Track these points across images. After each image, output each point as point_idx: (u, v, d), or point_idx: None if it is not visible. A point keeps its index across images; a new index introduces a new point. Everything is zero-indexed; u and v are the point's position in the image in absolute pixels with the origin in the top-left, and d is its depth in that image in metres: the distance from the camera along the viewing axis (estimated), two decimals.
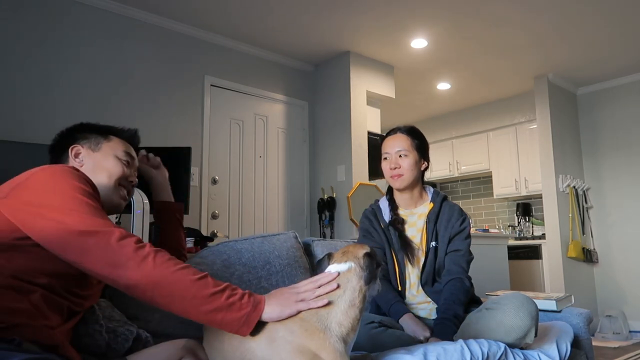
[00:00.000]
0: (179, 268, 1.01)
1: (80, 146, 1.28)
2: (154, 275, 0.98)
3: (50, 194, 1.02)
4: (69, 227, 0.98)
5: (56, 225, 0.99)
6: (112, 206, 1.27)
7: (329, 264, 1.17)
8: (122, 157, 1.29)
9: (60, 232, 0.98)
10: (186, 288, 1.00)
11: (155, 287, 0.98)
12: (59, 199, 1.01)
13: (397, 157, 1.82)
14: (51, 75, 3.29)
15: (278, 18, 3.85)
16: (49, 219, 0.99)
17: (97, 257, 0.97)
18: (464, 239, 1.80)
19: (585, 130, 5.49)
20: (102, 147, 1.29)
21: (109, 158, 1.28)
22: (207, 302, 1.01)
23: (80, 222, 0.99)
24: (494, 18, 3.87)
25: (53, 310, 1.01)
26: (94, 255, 0.97)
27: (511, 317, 1.41)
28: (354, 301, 1.07)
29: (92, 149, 1.28)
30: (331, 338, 1.02)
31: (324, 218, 4.42)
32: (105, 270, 0.98)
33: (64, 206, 1.01)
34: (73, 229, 0.98)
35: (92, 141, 1.29)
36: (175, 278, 1.00)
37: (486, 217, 6.40)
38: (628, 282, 5.05)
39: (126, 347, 1.17)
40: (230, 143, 4.18)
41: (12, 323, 0.90)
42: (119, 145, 1.32)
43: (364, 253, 1.14)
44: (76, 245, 0.98)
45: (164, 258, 1.01)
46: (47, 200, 1.01)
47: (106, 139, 1.31)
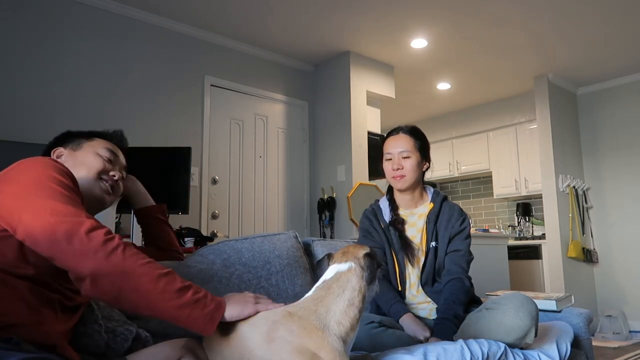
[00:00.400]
0: (146, 262, 1.00)
1: (62, 148, 1.29)
2: (122, 267, 0.96)
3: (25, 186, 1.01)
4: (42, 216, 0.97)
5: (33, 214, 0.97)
6: (95, 200, 1.25)
7: (329, 264, 1.17)
8: (103, 154, 1.29)
9: (31, 222, 0.97)
10: (154, 281, 0.98)
11: (123, 280, 0.96)
12: (40, 190, 1.01)
13: (400, 158, 1.82)
14: (51, 75, 3.29)
15: (278, 18, 3.85)
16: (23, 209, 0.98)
17: (64, 246, 0.95)
18: (464, 239, 1.79)
19: (585, 130, 5.49)
20: (83, 146, 1.30)
21: (89, 154, 1.28)
22: (175, 298, 0.99)
23: (53, 211, 0.98)
24: (494, 18, 3.87)
25: (44, 304, 1.01)
26: (62, 245, 0.95)
27: (511, 317, 1.41)
28: (353, 300, 1.07)
29: (73, 149, 1.29)
30: (330, 337, 1.02)
31: (324, 218, 4.42)
32: (72, 260, 0.95)
33: (39, 196, 1.00)
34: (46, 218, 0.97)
35: (74, 143, 1.31)
36: (143, 271, 0.98)
37: (486, 217, 6.40)
38: (628, 282, 5.05)
39: (125, 347, 1.17)
40: (230, 143, 4.18)
41: (8, 323, 0.90)
42: (101, 143, 1.32)
43: (365, 253, 1.14)
44: (47, 233, 0.96)
45: (132, 251, 0.99)
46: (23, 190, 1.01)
47: (88, 140, 1.32)
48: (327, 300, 1.07)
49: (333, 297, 1.08)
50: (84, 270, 0.95)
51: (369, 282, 1.11)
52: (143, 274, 0.98)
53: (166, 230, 1.53)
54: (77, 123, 3.27)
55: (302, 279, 1.78)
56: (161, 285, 0.99)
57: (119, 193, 1.35)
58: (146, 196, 1.52)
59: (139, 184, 1.52)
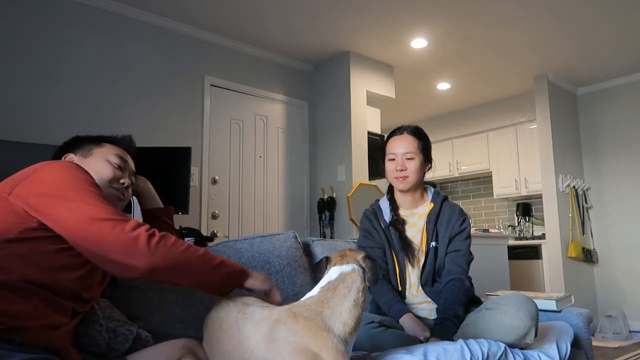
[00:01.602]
0: (185, 247, 1.12)
1: (72, 154, 1.30)
2: (170, 258, 1.07)
3: (62, 185, 1.06)
4: (87, 216, 1.03)
5: (73, 214, 1.03)
6: None
7: (327, 266, 1.18)
8: (113, 160, 1.31)
9: (78, 221, 1.03)
10: (198, 265, 1.14)
11: (173, 269, 1.09)
12: (71, 190, 1.06)
13: (404, 159, 1.81)
14: (51, 75, 3.29)
15: (278, 18, 3.85)
16: (65, 209, 1.03)
17: (114, 244, 1.02)
18: (464, 239, 1.79)
19: (585, 130, 5.49)
20: (93, 153, 1.31)
21: (99, 161, 1.30)
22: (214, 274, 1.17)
23: (97, 211, 1.04)
24: (494, 18, 3.87)
25: (56, 311, 1.02)
26: (112, 243, 1.02)
27: (511, 317, 1.41)
28: (358, 301, 1.09)
29: (84, 156, 1.30)
30: (334, 338, 1.03)
31: (324, 218, 4.42)
32: (121, 257, 1.03)
33: (77, 196, 1.05)
34: (91, 218, 1.03)
35: (84, 149, 1.32)
36: (186, 256, 1.11)
37: (486, 217, 6.40)
38: (628, 282, 5.05)
39: (126, 347, 1.18)
40: (230, 143, 4.18)
41: (13, 326, 0.90)
42: (111, 149, 1.34)
43: (364, 255, 1.17)
44: (94, 232, 1.02)
45: (171, 240, 1.10)
46: (59, 191, 1.05)
47: (98, 145, 1.33)
48: (334, 302, 1.08)
49: (339, 298, 1.09)
50: (137, 266, 1.04)
51: (372, 283, 1.13)
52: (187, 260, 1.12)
53: (171, 234, 1.53)
54: (77, 123, 3.28)
55: (302, 278, 1.78)
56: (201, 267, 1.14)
57: (128, 198, 1.38)
58: (155, 197, 1.54)
59: (150, 185, 1.54)
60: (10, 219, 1.02)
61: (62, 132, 2.96)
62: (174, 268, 1.09)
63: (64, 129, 3.20)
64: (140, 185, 1.49)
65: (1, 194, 1.05)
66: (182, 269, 1.11)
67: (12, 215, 1.02)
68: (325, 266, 1.19)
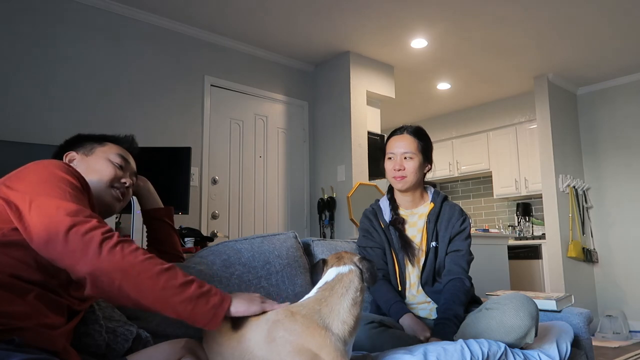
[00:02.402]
0: (146, 258, 1.00)
1: (74, 152, 1.30)
2: (121, 265, 0.96)
3: (35, 183, 1.03)
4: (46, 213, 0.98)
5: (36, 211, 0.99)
6: (105, 206, 1.27)
7: (324, 268, 1.19)
8: (114, 160, 1.30)
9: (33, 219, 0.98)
10: (155, 277, 0.98)
11: (123, 276, 0.96)
12: (43, 187, 1.02)
13: (402, 158, 1.81)
14: (50, 76, 3.29)
15: (278, 18, 3.85)
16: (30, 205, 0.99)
17: (62, 245, 0.96)
18: (465, 239, 1.79)
19: (585, 130, 5.49)
20: (95, 151, 1.30)
21: (101, 160, 1.29)
22: (177, 293, 0.99)
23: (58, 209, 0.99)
24: (494, 18, 3.87)
25: (53, 310, 1.01)
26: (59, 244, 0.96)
27: (511, 317, 1.41)
28: (357, 300, 1.10)
29: (85, 154, 1.30)
30: (332, 337, 1.03)
31: (324, 218, 4.42)
32: (69, 259, 0.96)
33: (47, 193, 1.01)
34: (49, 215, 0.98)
35: (86, 147, 1.31)
36: (143, 267, 0.98)
37: (486, 217, 6.40)
38: (628, 282, 5.05)
39: (126, 347, 1.17)
40: (230, 143, 4.18)
41: (12, 326, 0.90)
42: (113, 149, 1.33)
43: (361, 257, 1.19)
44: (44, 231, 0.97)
45: (131, 248, 1.00)
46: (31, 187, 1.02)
47: (100, 144, 1.33)
48: (331, 301, 1.08)
49: (337, 297, 1.09)
50: (82, 270, 0.95)
51: (370, 283, 1.14)
52: (143, 270, 0.98)
53: (171, 234, 1.53)
54: (77, 123, 3.28)
55: (302, 278, 1.78)
56: (162, 281, 0.98)
57: (129, 199, 1.37)
58: (156, 197, 1.53)
59: (150, 185, 1.53)
60: None
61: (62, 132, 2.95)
62: (123, 276, 0.96)
63: (64, 129, 3.20)
64: (140, 185, 1.49)
65: None
66: (134, 278, 0.96)
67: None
68: (322, 268, 1.20)
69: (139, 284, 0.97)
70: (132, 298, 0.98)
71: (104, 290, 0.97)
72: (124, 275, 0.96)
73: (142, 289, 0.97)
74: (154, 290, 0.98)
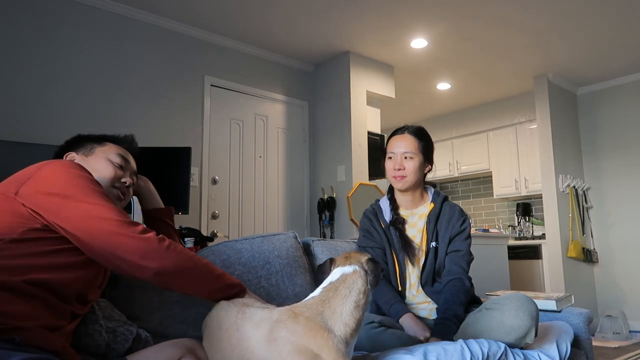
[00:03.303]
0: (192, 254, 1.18)
1: (74, 153, 1.31)
2: (179, 262, 1.12)
3: (68, 185, 1.08)
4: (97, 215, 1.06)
5: (84, 213, 1.05)
6: None
7: (331, 268, 1.18)
8: (114, 160, 1.31)
9: (89, 220, 1.05)
10: (203, 273, 1.19)
11: (182, 273, 1.14)
12: (78, 189, 1.08)
13: (402, 158, 1.81)
14: (51, 76, 3.29)
15: (278, 18, 3.85)
16: (75, 208, 1.05)
17: (127, 246, 1.06)
18: (465, 239, 1.79)
19: (585, 130, 5.49)
20: (95, 152, 1.31)
21: (101, 161, 1.30)
22: (216, 283, 1.22)
23: (106, 211, 1.07)
24: (494, 18, 3.87)
25: (56, 315, 1.02)
26: (125, 243, 1.06)
27: (511, 317, 1.41)
28: (359, 302, 1.09)
29: (85, 155, 1.31)
30: (334, 338, 1.03)
31: (324, 218, 4.43)
32: (135, 258, 1.06)
33: (85, 195, 1.07)
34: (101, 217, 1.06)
35: (86, 147, 1.32)
36: (193, 263, 1.17)
37: (486, 217, 6.40)
38: (628, 282, 5.05)
39: (126, 347, 1.17)
40: (230, 143, 4.18)
41: (12, 326, 0.90)
42: (113, 149, 1.34)
43: (368, 258, 1.17)
44: (106, 232, 1.05)
45: (179, 247, 1.15)
46: (66, 190, 1.07)
47: (100, 145, 1.34)
48: (334, 302, 1.08)
49: (340, 299, 1.09)
50: (149, 267, 1.08)
51: (373, 285, 1.14)
52: (193, 266, 1.17)
53: (172, 234, 1.53)
54: (77, 123, 3.28)
55: (302, 278, 1.78)
56: (206, 273, 1.20)
57: (129, 198, 1.38)
58: (156, 197, 1.53)
59: (151, 185, 1.53)
60: (13, 220, 1.02)
61: (62, 132, 2.94)
62: (182, 272, 1.13)
63: (64, 129, 3.20)
64: (141, 185, 1.49)
65: (6, 194, 1.05)
66: (189, 274, 1.15)
67: (15, 216, 1.03)
68: (329, 268, 1.19)
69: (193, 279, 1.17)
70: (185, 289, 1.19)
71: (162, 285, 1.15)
72: (182, 272, 1.14)
73: (195, 283, 1.18)
74: (202, 280, 1.19)
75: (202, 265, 1.19)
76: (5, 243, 1.00)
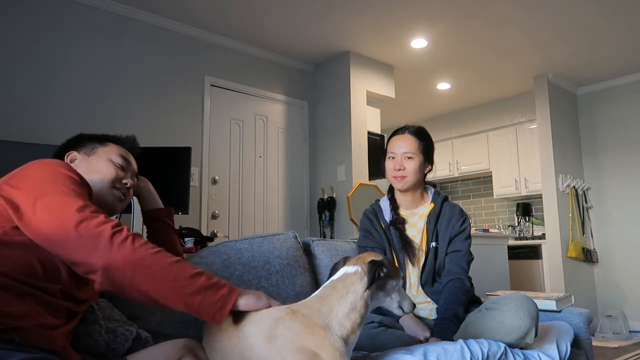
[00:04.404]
0: (156, 251, 1.02)
1: (76, 152, 1.30)
2: (132, 258, 0.98)
3: (40, 181, 1.05)
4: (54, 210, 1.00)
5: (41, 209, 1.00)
6: (106, 206, 1.27)
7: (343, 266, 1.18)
8: (116, 160, 1.30)
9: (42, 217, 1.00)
10: (166, 269, 1.00)
11: (135, 269, 0.98)
12: (48, 185, 1.04)
13: (402, 158, 1.81)
14: (50, 76, 3.29)
15: (278, 18, 3.85)
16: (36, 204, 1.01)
17: (75, 239, 0.98)
18: (465, 239, 1.79)
19: (585, 130, 5.49)
20: (97, 152, 1.31)
21: (102, 161, 1.29)
22: (187, 284, 1.01)
23: (66, 206, 1.00)
24: (494, 18, 3.87)
25: (51, 312, 1.01)
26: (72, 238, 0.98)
27: (511, 317, 1.40)
28: (355, 304, 1.08)
29: (87, 154, 1.30)
30: (332, 337, 1.03)
31: (324, 218, 4.42)
32: (81, 253, 0.98)
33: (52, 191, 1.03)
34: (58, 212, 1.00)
35: (88, 147, 1.32)
36: (154, 260, 1.00)
37: (486, 217, 6.40)
38: (628, 282, 5.05)
39: (126, 347, 1.17)
40: (230, 143, 4.18)
41: (11, 326, 0.90)
42: (115, 149, 1.33)
43: (371, 259, 1.15)
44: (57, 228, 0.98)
45: (142, 241, 1.02)
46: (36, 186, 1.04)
47: (102, 145, 1.33)
48: (331, 300, 1.08)
49: (337, 297, 1.08)
50: (95, 263, 0.97)
51: (367, 286, 1.10)
52: (154, 262, 1.00)
53: (171, 234, 1.53)
54: (77, 123, 3.28)
55: (302, 278, 1.78)
56: (173, 273, 1.01)
57: (130, 199, 1.37)
58: (156, 198, 1.53)
59: (150, 186, 1.53)
60: None
61: (62, 132, 2.94)
62: (135, 268, 0.98)
63: (64, 129, 3.20)
64: (140, 186, 1.49)
65: None
66: (146, 271, 0.99)
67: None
68: (341, 267, 1.18)
69: (151, 276, 0.99)
70: (143, 290, 0.99)
71: (116, 284, 0.99)
72: (135, 267, 0.98)
73: (154, 281, 0.99)
74: (165, 281, 1.00)
75: (168, 263, 1.01)
76: None
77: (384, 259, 1.16)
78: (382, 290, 1.15)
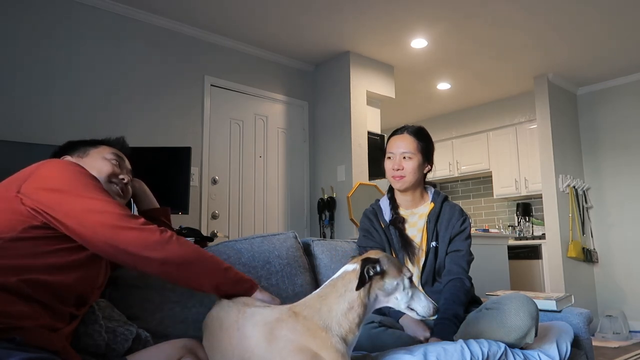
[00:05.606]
0: (196, 247, 1.18)
1: (69, 157, 1.32)
2: (182, 254, 1.13)
3: (68, 181, 1.09)
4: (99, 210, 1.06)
5: (85, 208, 1.06)
6: None
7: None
8: (110, 158, 1.33)
9: (91, 214, 1.05)
10: (208, 263, 1.19)
11: (183, 265, 1.13)
12: (78, 185, 1.09)
13: (401, 158, 1.81)
14: (51, 76, 3.29)
15: (278, 18, 3.85)
16: (76, 203, 1.06)
17: (128, 238, 1.07)
18: (465, 239, 1.79)
19: (585, 130, 5.49)
20: (89, 153, 1.33)
21: (97, 160, 1.32)
22: (223, 276, 1.21)
23: (107, 206, 1.08)
24: (494, 18, 3.87)
25: (55, 317, 1.01)
26: (128, 236, 1.07)
27: (511, 317, 1.40)
28: (352, 304, 1.08)
29: (80, 157, 1.32)
30: (333, 338, 1.03)
31: (324, 218, 4.42)
32: (138, 250, 1.08)
33: (85, 191, 1.08)
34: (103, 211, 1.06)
35: (80, 150, 1.34)
36: (197, 255, 1.16)
37: (486, 217, 6.40)
38: (628, 282, 5.05)
39: (126, 347, 1.17)
40: (230, 143, 4.18)
41: (12, 326, 0.90)
42: (107, 149, 1.36)
43: (365, 257, 1.13)
44: (108, 226, 1.06)
45: (182, 239, 1.15)
46: (66, 186, 1.07)
47: (93, 147, 1.36)
48: (330, 299, 1.08)
49: (336, 296, 1.08)
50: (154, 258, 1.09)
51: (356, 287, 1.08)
52: (198, 258, 1.16)
53: None
54: (77, 123, 3.29)
55: (302, 278, 1.78)
56: (211, 266, 1.20)
57: (129, 196, 1.40)
58: (151, 198, 1.55)
59: (145, 186, 1.54)
60: (13, 218, 1.03)
61: (62, 132, 2.94)
62: (186, 264, 1.13)
63: (64, 129, 3.21)
64: (135, 187, 1.50)
65: (6, 194, 1.05)
66: (194, 266, 1.15)
67: (15, 214, 1.03)
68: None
69: (198, 268, 1.16)
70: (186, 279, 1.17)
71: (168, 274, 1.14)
72: (186, 263, 1.13)
73: (201, 272, 1.17)
74: (208, 272, 1.19)
75: (207, 257, 1.19)
76: (5, 242, 1.00)
77: (382, 257, 1.14)
78: (381, 289, 1.13)
